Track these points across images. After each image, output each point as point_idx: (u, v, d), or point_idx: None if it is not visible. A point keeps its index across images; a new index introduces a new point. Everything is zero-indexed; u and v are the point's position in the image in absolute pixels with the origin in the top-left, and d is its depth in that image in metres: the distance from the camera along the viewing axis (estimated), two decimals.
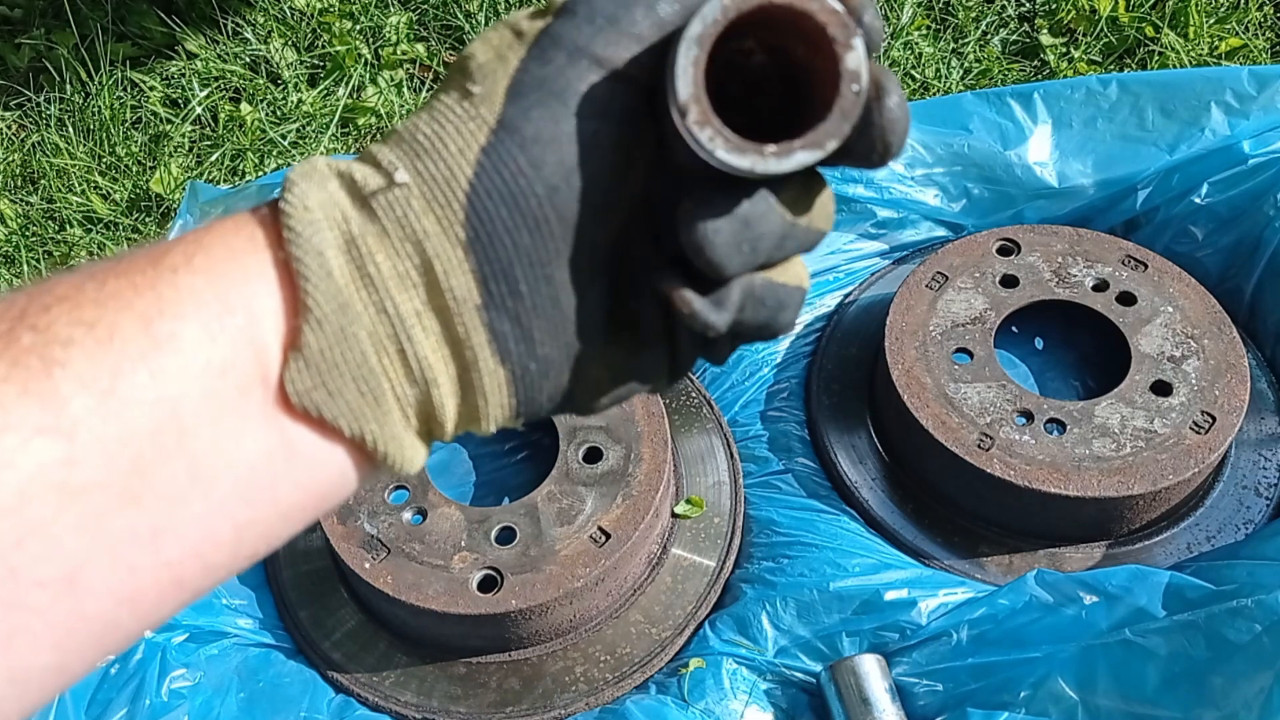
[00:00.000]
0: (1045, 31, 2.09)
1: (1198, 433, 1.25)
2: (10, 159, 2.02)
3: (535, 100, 0.39)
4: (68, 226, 1.92)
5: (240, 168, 1.98)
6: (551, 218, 0.39)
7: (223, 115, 2.04)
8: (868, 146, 0.39)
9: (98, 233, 1.90)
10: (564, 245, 0.40)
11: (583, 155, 0.39)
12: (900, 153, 0.42)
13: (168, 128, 2.02)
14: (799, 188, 0.41)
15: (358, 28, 2.16)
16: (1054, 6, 2.12)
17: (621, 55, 0.39)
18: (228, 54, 2.13)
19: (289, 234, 0.39)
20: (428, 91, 2.11)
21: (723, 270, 0.40)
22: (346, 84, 2.08)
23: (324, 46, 2.13)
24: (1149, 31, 2.05)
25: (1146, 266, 1.40)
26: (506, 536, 1.23)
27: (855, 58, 0.38)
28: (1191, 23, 2.05)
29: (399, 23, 2.16)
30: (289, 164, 1.91)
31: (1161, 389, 1.29)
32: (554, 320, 0.41)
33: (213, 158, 1.97)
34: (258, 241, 0.40)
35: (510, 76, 0.39)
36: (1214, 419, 1.26)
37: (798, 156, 0.38)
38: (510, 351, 0.40)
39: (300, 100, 2.06)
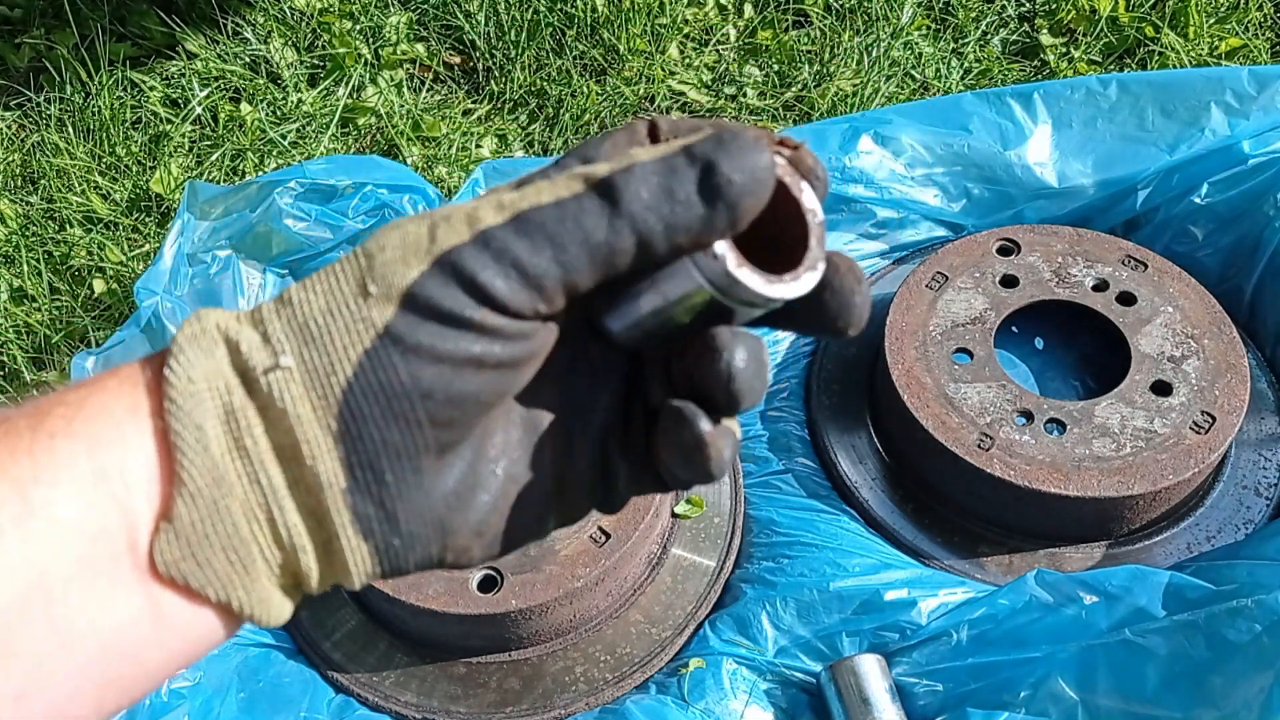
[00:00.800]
0: (1045, 31, 2.09)
1: (1198, 433, 1.25)
2: (10, 159, 2.02)
3: (423, 318, 0.40)
4: (68, 226, 1.92)
5: (240, 168, 1.98)
6: (424, 420, 0.41)
7: (223, 115, 2.04)
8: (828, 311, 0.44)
9: (98, 233, 1.90)
10: (434, 442, 0.41)
11: (461, 372, 0.41)
12: (861, 321, 0.45)
13: (168, 128, 2.02)
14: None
15: (358, 28, 2.16)
16: (1054, 6, 2.12)
17: (522, 302, 0.40)
18: (228, 54, 2.13)
19: (170, 405, 0.40)
20: (428, 91, 2.11)
21: (742, 401, 0.43)
22: (346, 84, 2.08)
23: (324, 46, 2.13)
24: (1149, 31, 2.05)
25: (1146, 266, 1.40)
26: None
27: (810, 197, 0.43)
28: (1191, 23, 2.05)
29: (399, 23, 2.16)
30: (289, 164, 1.91)
31: (1161, 389, 1.29)
32: (419, 503, 0.42)
33: (213, 158, 1.97)
34: (139, 410, 0.41)
35: (406, 286, 0.40)
36: (1214, 419, 1.26)
37: (805, 278, 0.42)
38: (374, 531, 0.42)
39: (300, 100, 2.06)
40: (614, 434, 0.47)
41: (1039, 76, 2.05)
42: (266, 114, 2.04)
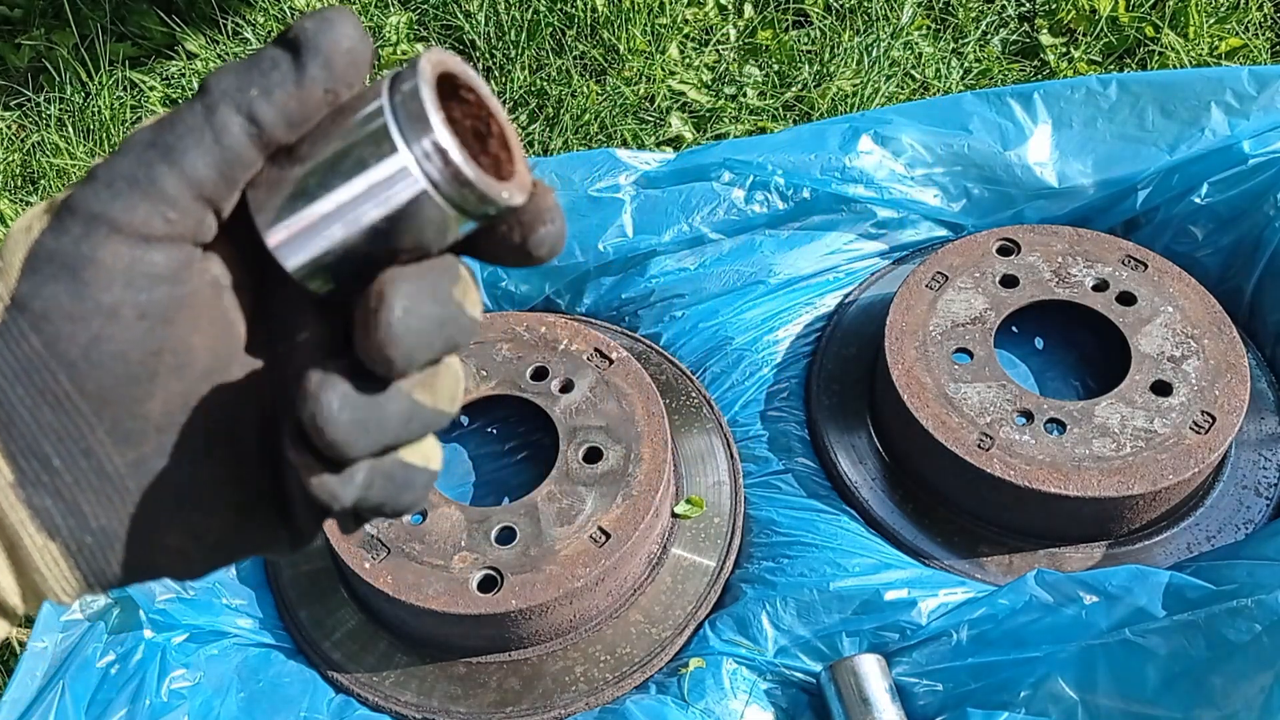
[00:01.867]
0: (1045, 31, 2.09)
1: (1198, 433, 1.25)
2: (10, 159, 2.02)
3: (48, 274, 0.37)
4: None
5: None
6: (74, 395, 0.37)
7: None
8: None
9: None
10: (97, 420, 0.38)
11: (102, 329, 0.37)
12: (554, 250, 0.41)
13: None
14: (427, 369, 0.40)
15: None
16: (1054, 6, 2.12)
17: (145, 219, 0.37)
18: (228, 54, 2.13)
19: None
20: None
21: (346, 453, 0.38)
22: None
23: None
24: (1149, 31, 2.05)
25: (1146, 266, 1.40)
26: (506, 536, 1.23)
27: (491, 98, 0.40)
28: (1191, 23, 2.05)
29: (399, 23, 2.16)
30: None
31: (1161, 389, 1.29)
32: (104, 492, 0.39)
33: None
34: None
35: (27, 249, 0.37)
36: (1214, 419, 1.26)
37: (527, 178, 0.39)
38: (59, 527, 0.39)
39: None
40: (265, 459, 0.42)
41: (1039, 76, 2.05)
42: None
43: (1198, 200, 1.47)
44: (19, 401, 0.37)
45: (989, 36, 2.10)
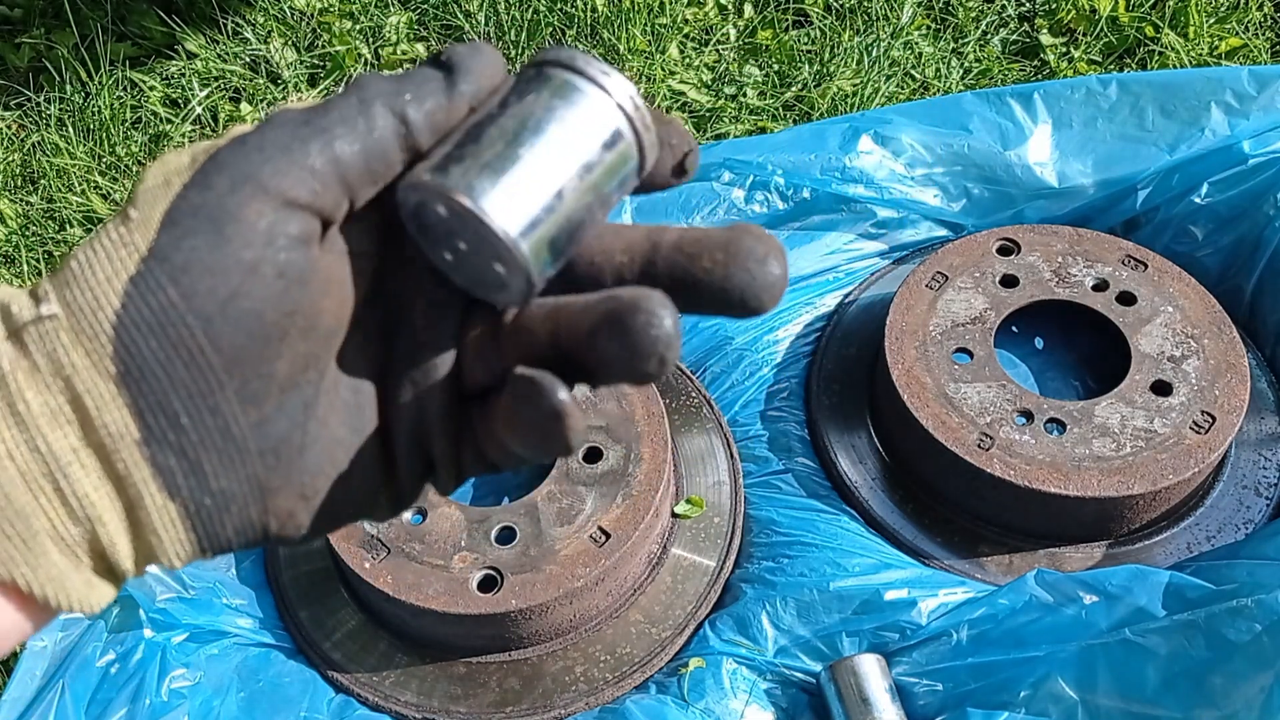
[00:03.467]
0: (1045, 31, 2.09)
1: (1198, 432, 1.25)
2: (10, 159, 2.02)
3: (190, 227, 0.37)
4: (68, 226, 1.92)
5: None
6: (208, 349, 0.37)
7: (223, 115, 2.04)
8: None
9: None
10: (228, 377, 0.38)
11: (241, 285, 0.37)
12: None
13: (168, 128, 2.02)
14: None
15: (358, 28, 2.16)
16: (1054, 6, 2.12)
17: (292, 185, 0.38)
18: (228, 54, 2.13)
19: None
20: None
21: (669, 368, 0.39)
22: (346, 84, 2.08)
23: (324, 46, 2.13)
24: (1149, 31, 2.05)
25: (1146, 266, 1.40)
26: (506, 536, 1.23)
27: None
28: (1191, 23, 2.05)
29: (399, 23, 2.16)
30: None
31: (1161, 389, 1.29)
32: (228, 454, 0.39)
33: None
34: None
35: (169, 201, 0.38)
36: (1214, 419, 1.26)
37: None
38: (179, 486, 0.38)
39: (300, 100, 2.06)
40: (434, 405, 0.43)
41: (1039, 76, 2.05)
42: (266, 114, 2.04)
43: (1198, 200, 1.47)
44: (151, 355, 0.37)
45: (989, 36, 2.10)
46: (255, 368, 0.38)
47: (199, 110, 2.05)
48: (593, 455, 1.29)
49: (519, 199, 0.38)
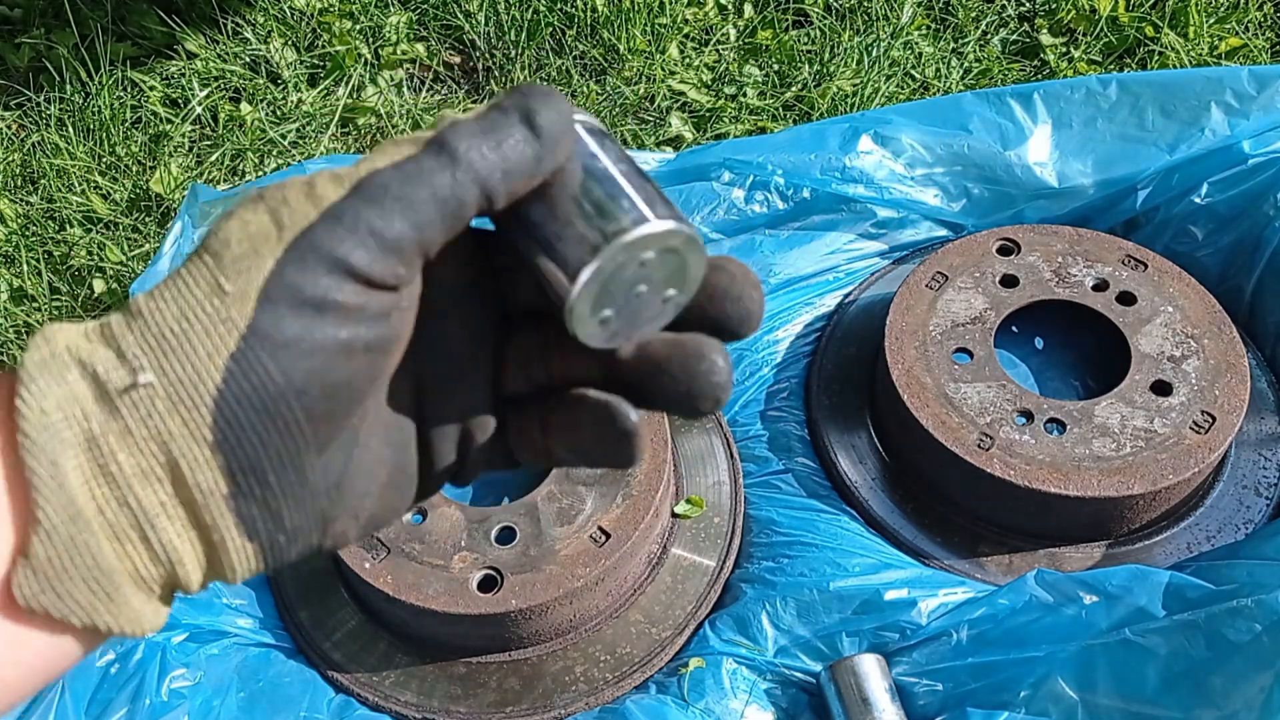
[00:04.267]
0: (1045, 31, 2.09)
1: (1198, 432, 1.25)
2: (10, 159, 2.02)
3: (288, 309, 0.39)
4: (68, 226, 1.92)
5: (240, 168, 1.98)
6: (301, 419, 0.40)
7: (223, 115, 2.04)
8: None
9: (98, 233, 1.90)
10: (313, 439, 0.41)
11: (333, 361, 0.40)
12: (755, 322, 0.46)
13: (168, 128, 2.02)
14: None
15: (358, 28, 2.16)
16: (1054, 6, 2.12)
17: (383, 270, 0.40)
18: (228, 54, 2.13)
19: (23, 439, 0.39)
20: (428, 91, 2.11)
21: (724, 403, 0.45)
22: (346, 84, 2.08)
23: (324, 46, 2.13)
24: (1149, 31, 2.05)
25: (1146, 266, 1.40)
26: (506, 536, 1.23)
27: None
28: (1191, 23, 2.05)
29: (399, 23, 2.16)
30: (289, 164, 1.91)
31: (1161, 389, 1.29)
32: (303, 498, 0.42)
33: (213, 158, 1.97)
34: None
35: (265, 279, 0.39)
36: (1214, 419, 1.26)
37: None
38: (259, 531, 0.42)
39: (300, 100, 2.06)
40: (472, 419, 0.47)
41: (1039, 76, 2.05)
42: (266, 114, 2.04)
43: (1198, 200, 1.47)
44: (248, 424, 0.39)
45: (989, 36, 2.10)
46: (336, 427, 0.42)
47: (199, 110, 2.05)
48: None
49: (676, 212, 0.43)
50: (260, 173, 1.96)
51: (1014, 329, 1.47)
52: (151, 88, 2.09)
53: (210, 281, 0.40)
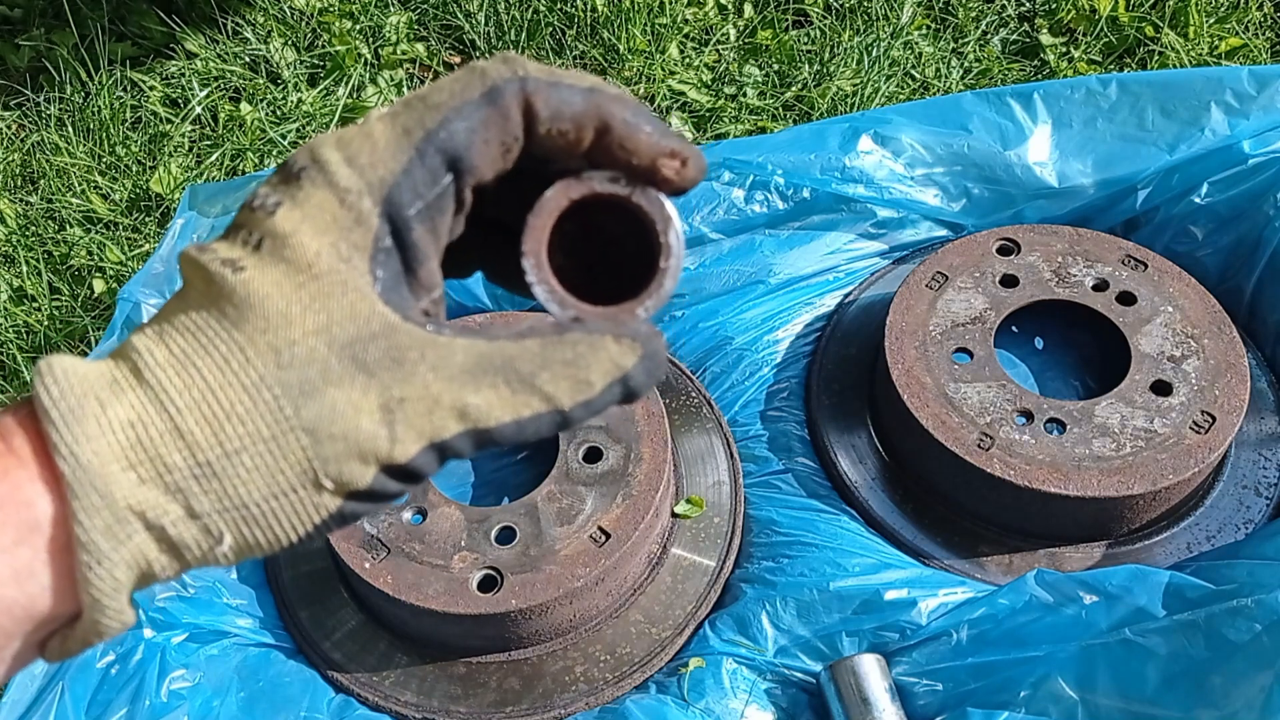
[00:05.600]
0: (1045, 31, 2.09)
1: (1198, 432, 1.25)
2: (10, 159, 2.02)
3: (367, 501, 0.43)
4: (68, 226, 1.92)
5: (240, 168, 1.98)
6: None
7: (223, 115, 2.04)
8: None
9: (98, 233, 1.90)
10: None
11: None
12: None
13: (168, 128, 2.02)
14: None
15: (358, 28, 2.16)
16: (1054, 6, 2.12)
17: (434, 466, 0.43)
18: (228, 54, 2.13)
19: (91, 597, 0.40)
20: None
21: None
22: (346, 84, 2.08)
23: (324, 46, 2.13)
24: (1149, 31, 2.05)
25: (1146, 266, 1.40)
26: (506, 536, 1.23)
27: (674, 234, 0.48)
28: (1191, 23, 2.05)
29: (399, 23, 2.16)
30: None
31: (1161, 389, 1.29)
32: None
33: (212, 158, 1.97)
34: (40, 531, 0.40)
35: (361, 488, 0.42)
36: (1214, 419, 1.26)
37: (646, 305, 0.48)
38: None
39: (300, 100, 2.06)
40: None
41: (1039, 76, 2.05)
42: (266, 114, 2.04)
43: (1198, 200, 1.47)
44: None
45: (989, 36, 2.10)
46: None
47: (199, 110, 2.05)
48: (593, 455, 1.29)
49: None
50: (260, 172, 1.96)
51: (1014, 329, 1.47)
52: (151, 88, 2.09)
53: (304, 469, 0.41)
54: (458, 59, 2.16)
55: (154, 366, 0.40)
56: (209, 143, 2.02)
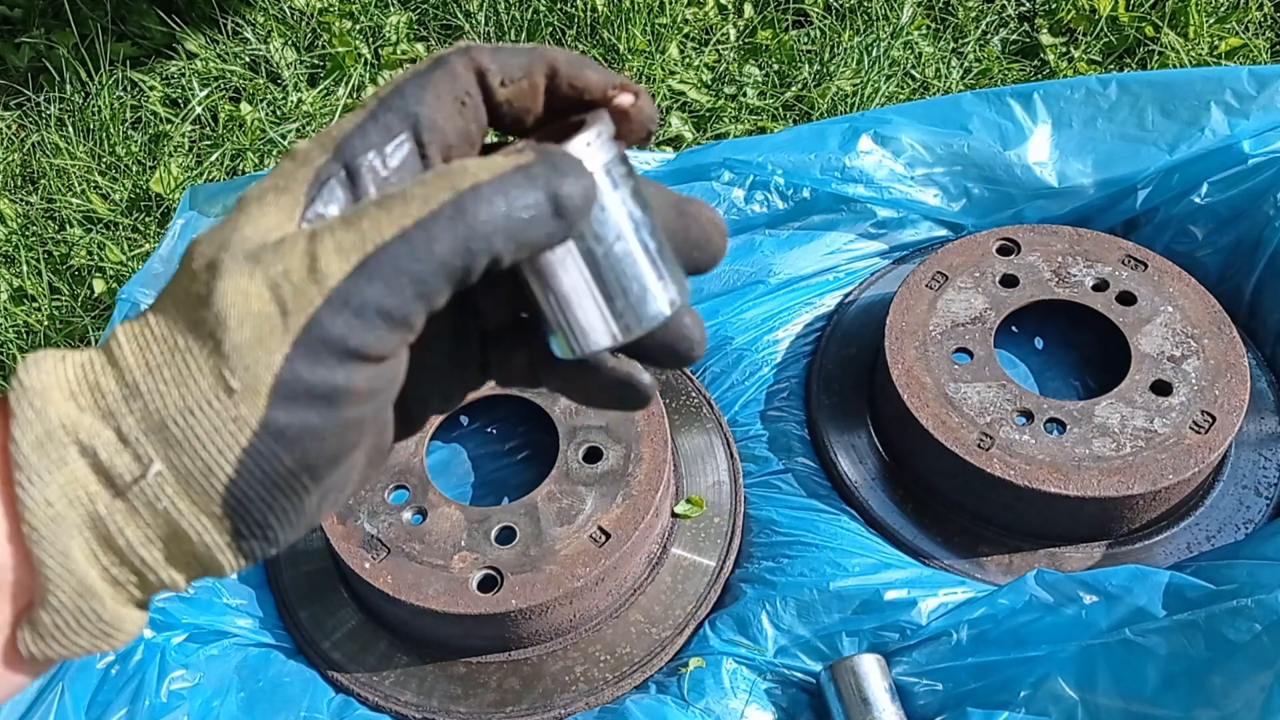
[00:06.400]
0: (1045, 31, 2.09)
1: (1198, 432, 1.25)
2: (10, 159, 2.02)
3: (303, 404, 0.39)
4: (68, 226, 1.92)
5: (240, 168, 1.98)
6: (311, 488, 0.41)
7: (223, 115, 2.04)
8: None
9: (98, 233, 1.90)
10: (317, 488, 0.42)
11: (344, 436, 0.41)
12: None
13: (168, 128, 2.02)
14: None
15: (358, 28, 2.16)
16: (1054, 6, 2.12)
17: (396, 348, 0.40)
18: (228, 54, 2.13)
19: (29, 531, 0.39)
20: None
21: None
22: (346, 84, 2.08)
23: (324, 46, 2.13)
24: (1149, 31, 2.05)
25: (1146, 266, 1.40)
26: (506, 536, 1.23)
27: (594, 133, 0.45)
28: (1191, 22, 2.05)
29: (399, 23, 2.16)
30: None
31: (1161, 389, 1.29)
32: (299, 526, 0.43)
33: (213, 158, 1.97)
34: None
35: (275, 376, 0.39)
36: (1214, 419, 1.26)
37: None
38: (254, 553, 0.43)
39: (300, 100, 2.06)
40: (445, 362, 0.49)
41: (1039, 76, 2.05)
42: (266, 114, 2.04)
43: (1198, 200, 1.47)
44: (258, 498, 0.40)
45: (989, 36, 2.10)
46: (344, 479, 0.43)
47: (199, 110, 2.05)
48: (593, 455, 1.29)
49: (661, 286, 0.45)
50: (260, 171, 1.96)
51: (1014, 329, 1.47)
52: (151, 88, 2.09)
53: (214, 373, 0.39)
54: None
55: (118, 329, 0.41)
56: (209, 143, 2.02)
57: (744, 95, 2.03)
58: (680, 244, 0.47)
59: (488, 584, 1.20)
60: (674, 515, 1.35)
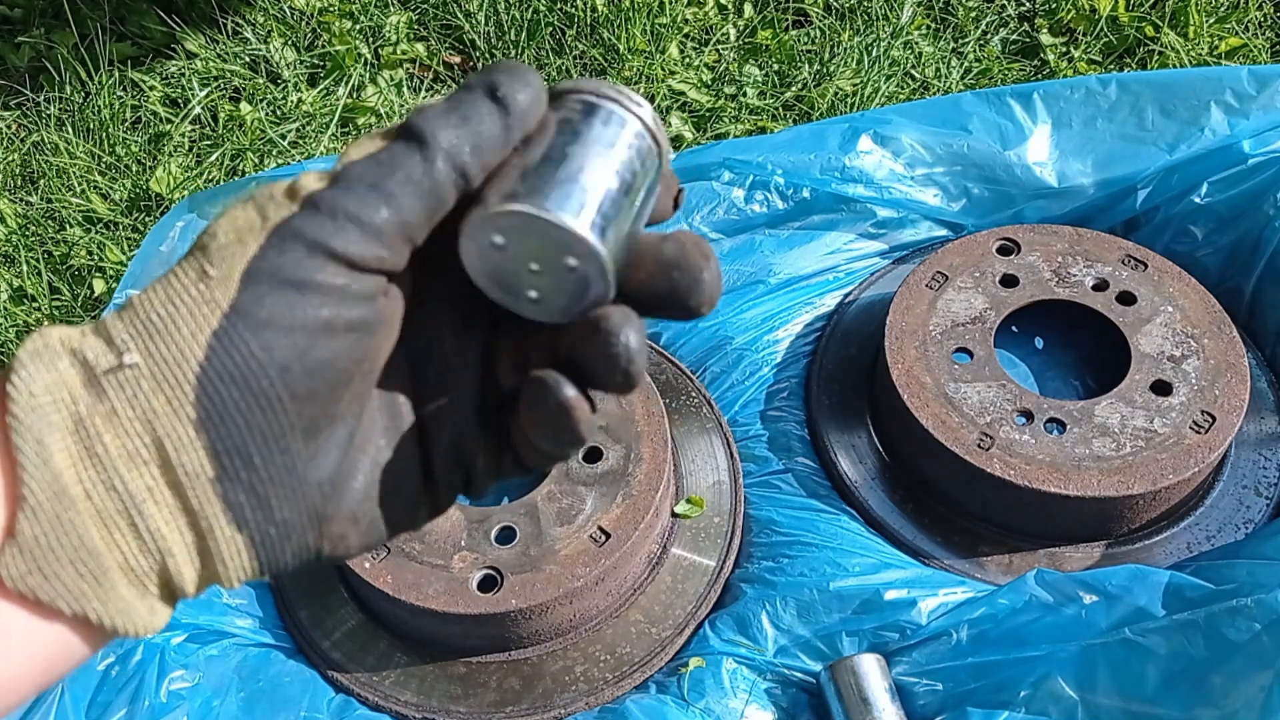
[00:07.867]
0: (1045, 31, 2.09)
1: (1198, 432, 1.25)
2: (10, 159, 2.02)
3: (269, 288, 0.40)
4: (68, 226, 1.92)
5: (240, 168, 1.98)
6: (284, 396, 0.41)
7: (223, 115, 2.04)
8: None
9: (98, 232, 1.90)
10: (298, 420, 0.41)
11: (315, 339, 0.41)
12: (713, 299, 0.46)
13: (167, 127, 2.02)
14: None
15: (358, 27, 2.16)
16: (1054, 6, 2.12)
17: (363, 251, 0.41)
18: (227, 54, 2.13)
19: (11, 420, 0.39)
20: (428, 92, 2.11)
21: (641, 380, 0.44)
22: (346, 84, 2.08)
23: (324, 46, 2.13)
24: (1149, 31, 2.05)
25: (1146, 266, 1.40)
26: (506, 536, 1.23)
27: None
28: (1191, 22, 2.05)
29: (399, 22, 2.16)
30: (289, 164, 1.91)
31: (1161, 389, 1.29)
32: (291, 487, 0.42)
33: (212, 157, 1.97)
34: None
35: (247, 262, 0.40)
36: (1214, 418, 1.26)
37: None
38: (247, 519, 0.42)
39: (300, 100, 2.06)
40: (469, 420, 0.48)
41: (1039, 76, 2.05)
42: (266, 114, 2.04)
43: (1198, 200, 1.47)
44: (231, 403, 0.40)
45: (989, 36, 2.10)
46: (322, 408, 0.42)
47: (199, 110, 2.05)
48: (593, 455, 1.29)
49: (578, 201, 0.43)
50: (260, 172, 1.96)
51: (1014, 329, 1.47)
52: (151, 88, 2.09)
53: (197, 269, 0.41)
54: (457, 59, 2.16)
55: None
56: (209, 143, 2.02)
57: (744, 95, 2.03)
58: (658, 266, 0.44)
59: (488, 584, 1.20)
60: (674, 515, 1.35)
